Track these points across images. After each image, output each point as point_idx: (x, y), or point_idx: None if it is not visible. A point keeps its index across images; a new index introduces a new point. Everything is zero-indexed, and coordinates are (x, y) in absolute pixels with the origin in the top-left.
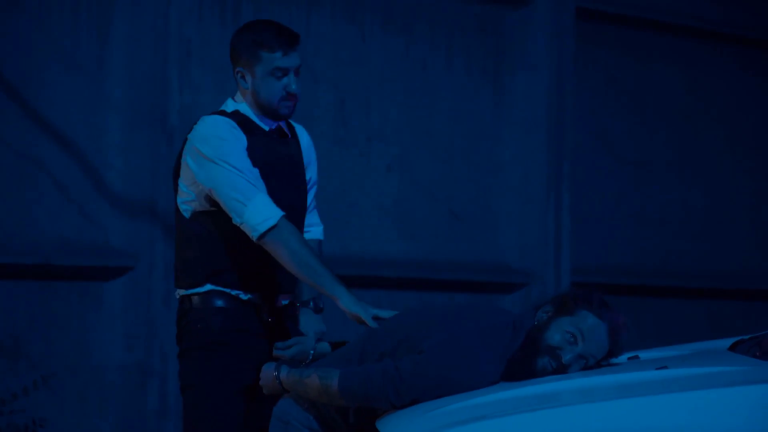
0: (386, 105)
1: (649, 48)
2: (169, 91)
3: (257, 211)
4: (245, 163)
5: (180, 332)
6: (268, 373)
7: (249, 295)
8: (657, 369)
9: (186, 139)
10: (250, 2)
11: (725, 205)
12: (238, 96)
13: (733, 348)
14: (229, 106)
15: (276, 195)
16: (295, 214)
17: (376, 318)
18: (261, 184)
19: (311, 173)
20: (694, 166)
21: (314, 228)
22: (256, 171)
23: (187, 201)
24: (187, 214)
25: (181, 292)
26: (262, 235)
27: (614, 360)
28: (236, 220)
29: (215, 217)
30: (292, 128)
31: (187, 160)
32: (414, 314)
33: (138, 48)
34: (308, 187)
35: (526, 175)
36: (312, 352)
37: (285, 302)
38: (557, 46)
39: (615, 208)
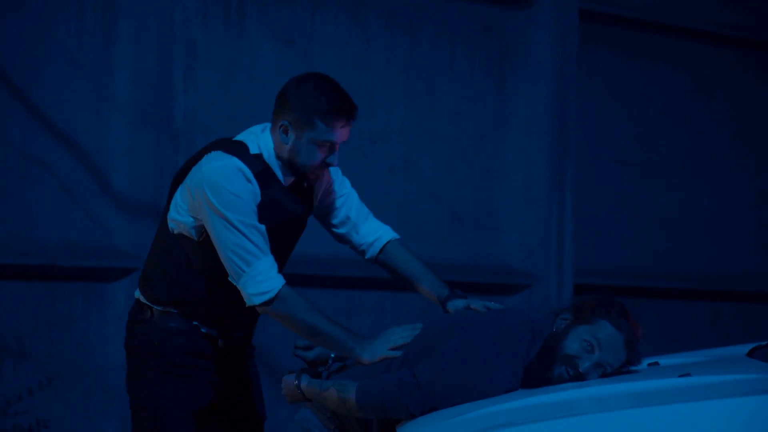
0: (390, 106)
1: (652, 50)
2: (174, 92)
3: (255, 282)
4: (253, 221)
5: (133, 336)
6: (289, 382)
7: (207, 329)
8: (680, 376)
9: (197, 159)
10: (255, 4)
11: (729, 207)
12: (267, 135)
13: (751, 354)
14: (254, 142)
15: (272, 249)
16: (279, 261)
17: (395, 348)
18: (266, 245)
19: (337, 190)
20: (697, 168)
21: (383, 233)
22: (262, 228)
23: (178, 221)
24: (172, 231)
25: (143, 299)
26: (259, 306)
27: (633, 368)
28: (232, 281)
29: (198, 249)
30: None
31: (193, 196)
32: (440, 320)
33: (143, 49)
34: (337, 203)
35: (529, 176)
36: (332, 355)
37: (238, 335)
38: (560, 47)
39: (618, 210)
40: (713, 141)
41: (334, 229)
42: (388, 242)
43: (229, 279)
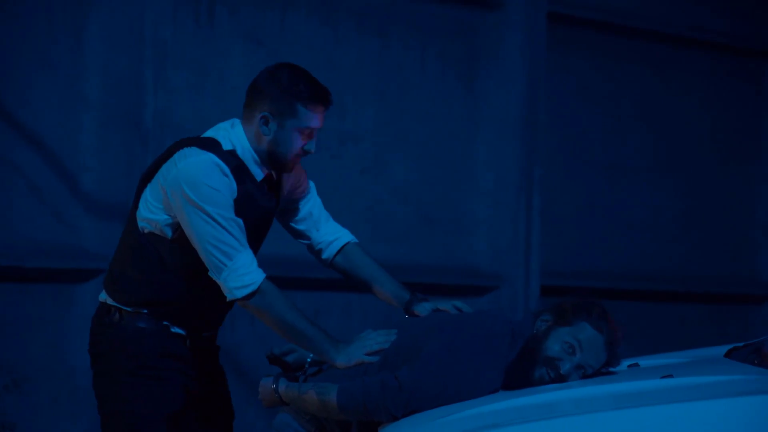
0: (360, 107)
1: (620, 52)
2: (144, 92)
3: (237, 275)
4: (231, 214)
5: (101, 341)
6: (266, 386)
7: (177, 329)
8: (663, 377)
9: (167, 157)
10: (225, 4)
11: (696, 209)
12: (239, 128)
13: (728, 355)
14: (225, 139)
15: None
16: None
17: (371, 353)
18: (244, 239)
19: (304, 185)
20: (665, 170)
21: (342, 234)
22: (241, 222)
23: (150, 219)
24: (143, 230)
25: (110, 301)
26: (241, 299)
27: (612, 369)
28: (212, 276)
29: (171, 247)
30: None
31: (168, 194)
32: (415, 323)
33: (113, 49)
34: (302, 198)
35: (498, 178)
36: (309, 359)
37: (206, 335)
38: (529, 50)
39: (586, 212)
40: (682, 143)
41: (294, 225)
42: (346, 244)
43: (210, 274)
